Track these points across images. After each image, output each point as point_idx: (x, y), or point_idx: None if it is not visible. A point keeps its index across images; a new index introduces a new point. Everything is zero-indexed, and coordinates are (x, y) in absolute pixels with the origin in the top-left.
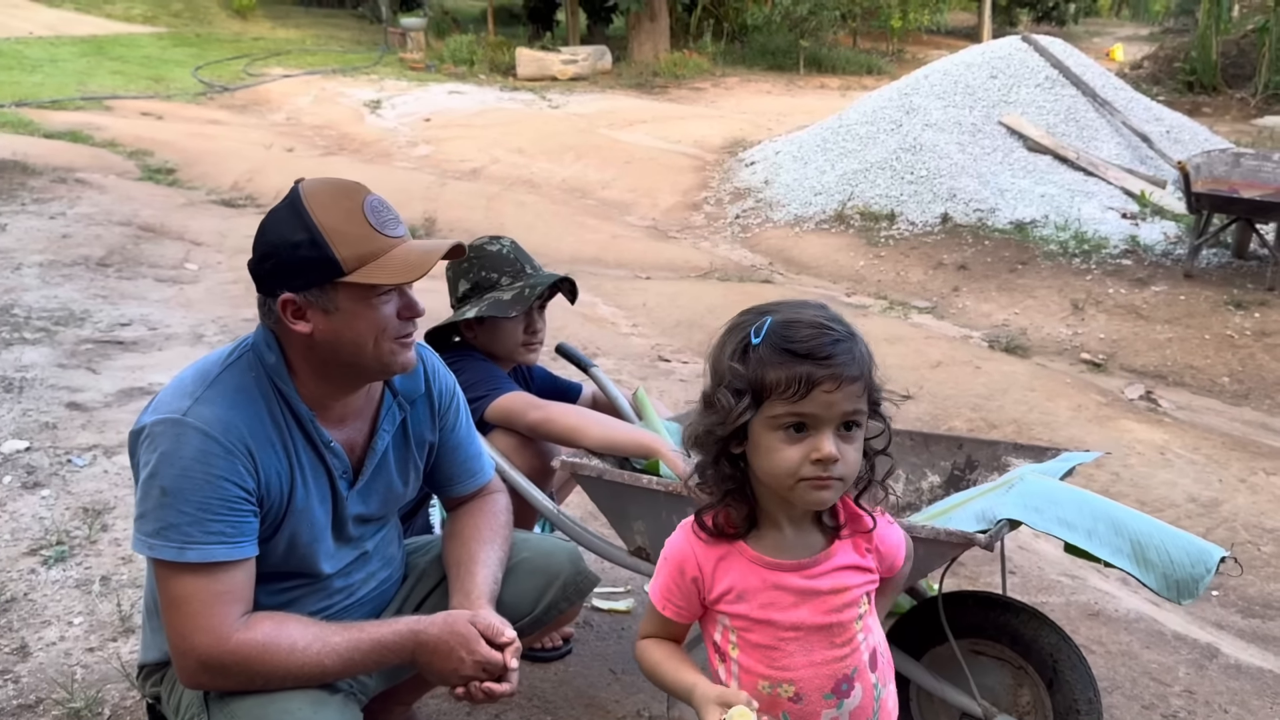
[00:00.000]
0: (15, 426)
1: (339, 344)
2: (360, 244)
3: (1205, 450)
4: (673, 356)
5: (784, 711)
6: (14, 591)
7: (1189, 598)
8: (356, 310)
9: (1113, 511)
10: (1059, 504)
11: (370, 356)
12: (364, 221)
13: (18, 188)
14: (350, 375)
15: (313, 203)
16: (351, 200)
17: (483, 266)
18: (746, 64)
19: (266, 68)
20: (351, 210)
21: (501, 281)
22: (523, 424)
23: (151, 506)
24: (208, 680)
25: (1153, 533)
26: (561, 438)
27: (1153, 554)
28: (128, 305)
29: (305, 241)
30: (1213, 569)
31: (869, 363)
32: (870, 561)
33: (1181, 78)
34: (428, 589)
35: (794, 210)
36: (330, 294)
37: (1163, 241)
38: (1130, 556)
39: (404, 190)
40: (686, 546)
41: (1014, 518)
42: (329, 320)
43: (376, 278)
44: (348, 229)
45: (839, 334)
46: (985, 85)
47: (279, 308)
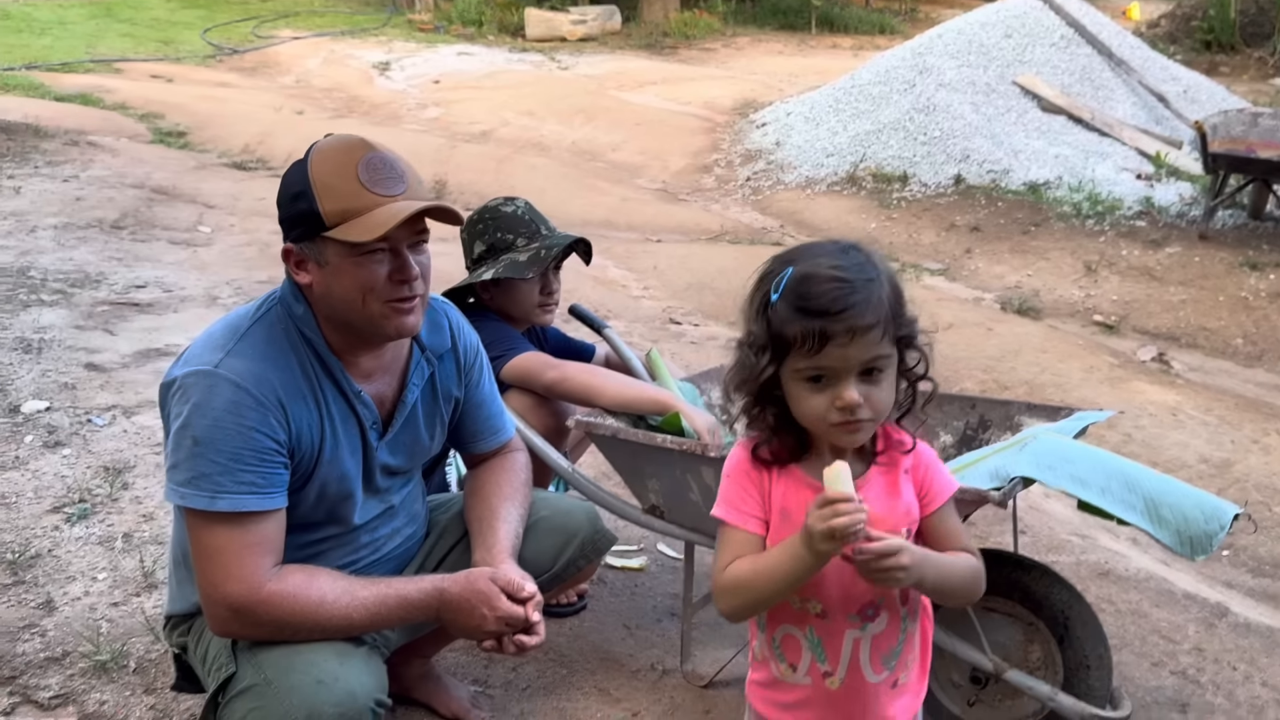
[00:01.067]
0: (35, 387)
1: (332, 299)
2: (345, 199)
3: (1218, 411)
4: (683, 319)
5: (810, 626)
6: (38, 548)
7: (1202, 554)
8: (343, 266)
9: (1126, 469)
10: (1072, 462)
11: (360, 316)
12: (354, 178)
13: (30, 150)
14: (354, 333)
15: (315, 157)
16: (349, 156)
17: (498, 228)
18: (758, 23)
19: (275, 30)
20: (344, 165)
21: (517, 243)
22: (539, 383)
23: (183, 457)
24: (238, 629)
25: (1166, 490)
26: (578, 397)
27: (1166, 511)
28: (142, 268)
29: (299, 194)
30: (1226, 526)
31: (889, 305)
32: (908, 490)
33: (1199, 36)
34: (449, 545)
35: (805, 172)
36: (321, 247)
37: (1178, 203)
38: (1144, 513)
39: (414, 153)
40: (747, 462)
41: (1027, 475)
42: (322, 274)
43: (349, 234)
44: (335, 184)
45: (854, 284)
46: (1000, 44)
47: (284, 258)
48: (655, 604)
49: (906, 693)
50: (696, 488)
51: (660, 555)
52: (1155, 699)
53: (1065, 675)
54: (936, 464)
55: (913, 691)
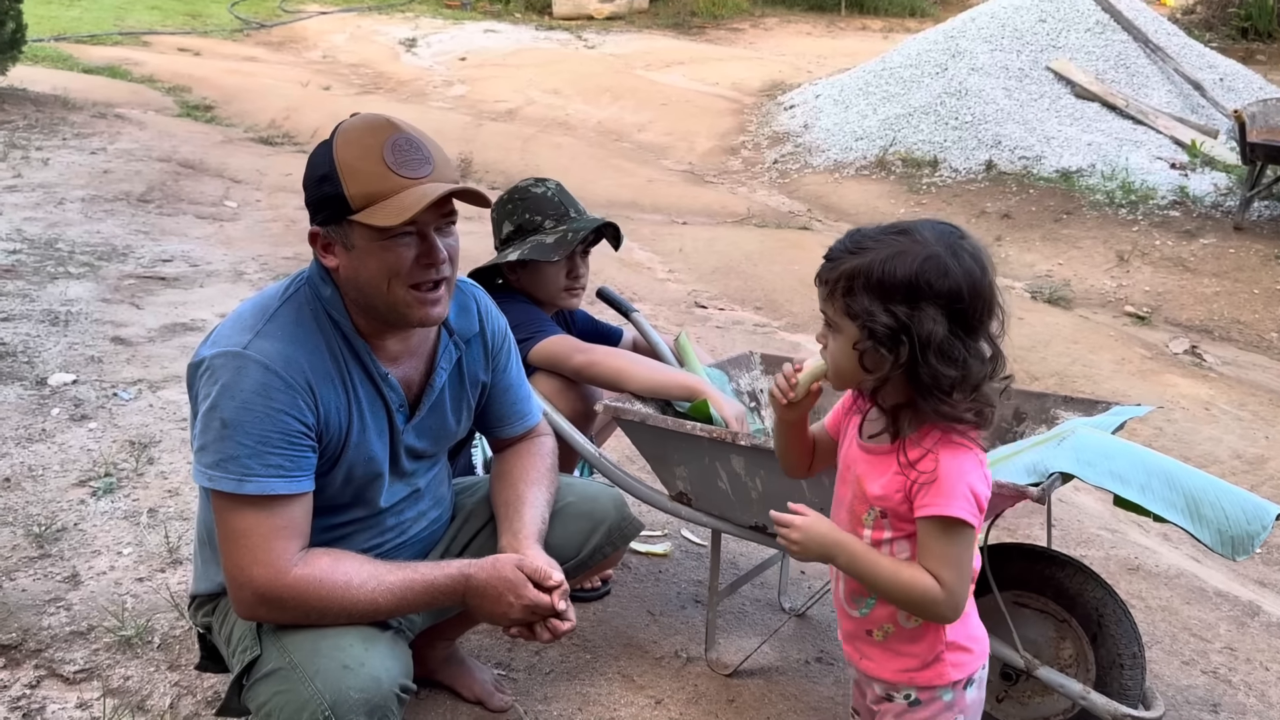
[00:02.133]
0: (62, 360)
1: (359, 282)
2: (370, 182)
3: (1251, 406)
4: (709, 303)
5: None
6: (64, 521)
7: (1243, 554)
8: (369, 249)
9: (1166, 466)
10: (1112, 458)
11: (385, 301)
12: (380, 160)
13: (59, 122)
14: (380, 317)
15: (340, 138)
16: (375, 137)
17: (527, 209)
18: (786, 4)
19: (303, 4)
20: (370, 148)
21: (545, 225)
22: (568, 367)
23: (211, 439)
24: (264, 612)
25: (1207, 488)
26: (606, 381)
27: (1207, 509)
28: (169, 241)
29: (325, 177)
30: (1269, 526)
31: (859, 278)
32: (891, 481)
33: (1236, 24)
34: (475, 529)
35: (834, 155)
36: (347, 231)
37: (1213, 193)
38: (1185, 511)
39: (439, 131)
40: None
41: (1067, 471)
42: (349, 257)
43: (375, 219)
44: (361, 166)
45: (843, 243)
46: (1034, 29)
47: (310, 240)
48: (680, 590)
49: (896, 655)
50: (725, 475)
51: (684, 541)
52: (1186, 698)
53: (1097, 674)
54: (940, 484)
55: (906, 655)
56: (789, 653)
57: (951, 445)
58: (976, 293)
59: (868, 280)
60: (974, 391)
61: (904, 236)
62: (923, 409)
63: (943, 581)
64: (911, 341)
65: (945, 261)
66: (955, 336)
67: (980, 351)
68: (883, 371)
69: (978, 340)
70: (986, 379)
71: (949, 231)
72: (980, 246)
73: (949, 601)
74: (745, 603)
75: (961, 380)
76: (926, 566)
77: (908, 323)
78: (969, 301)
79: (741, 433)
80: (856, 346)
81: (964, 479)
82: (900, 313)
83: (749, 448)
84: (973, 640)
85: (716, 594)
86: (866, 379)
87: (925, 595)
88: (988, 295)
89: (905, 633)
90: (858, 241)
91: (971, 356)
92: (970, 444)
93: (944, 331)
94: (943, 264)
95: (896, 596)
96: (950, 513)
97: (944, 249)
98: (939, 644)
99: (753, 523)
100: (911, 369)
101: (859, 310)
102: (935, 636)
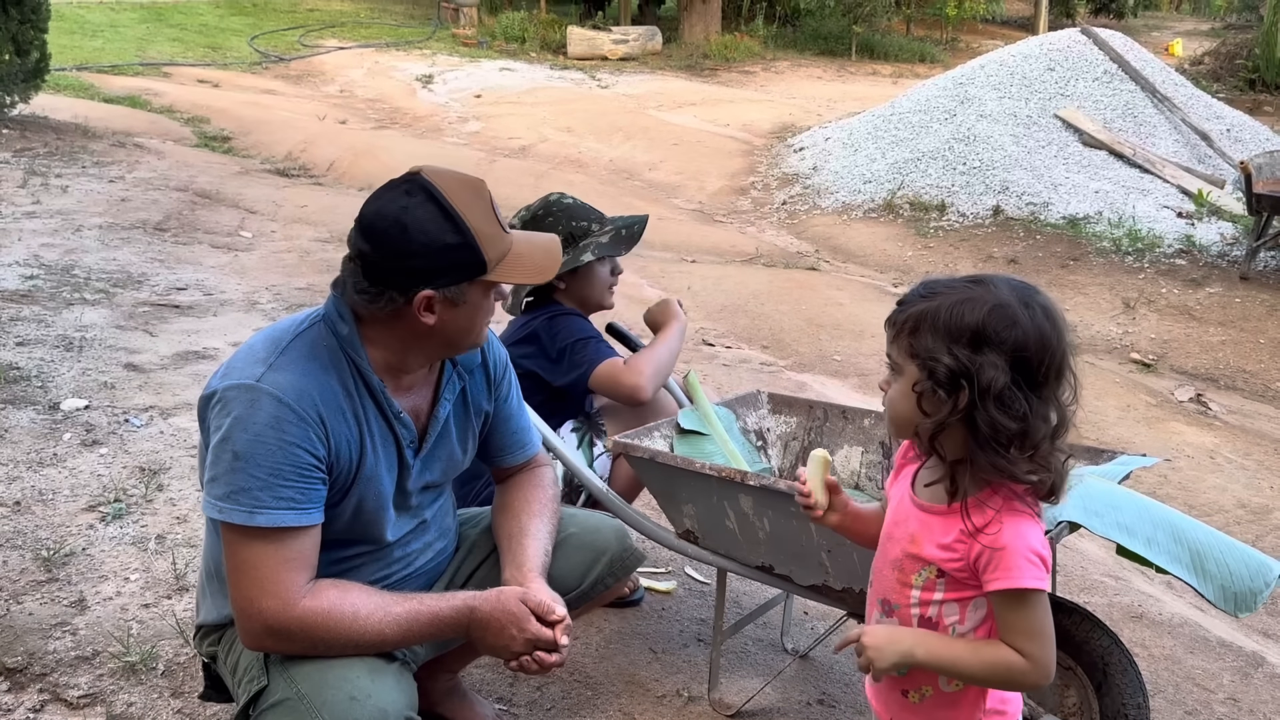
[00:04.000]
0: (75, 385)
1: (454, 332)
2: (498, 244)
3: (1257, 456)
4: (717, 340)
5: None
6: (73, 546)
7: (1246, 611)
8: (480, 303)
9: (1173, 519)
10: (1119, 509)
11: (469, 342)
12: (495, 220)
13: (79, 150)
14: (437, 355)
15: (457, 202)
16: (483, 199)
17: (570, 217)
18: (798, 48)
19: (321, 39)
20: (487, 210)
21: (592, 228)
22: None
23: (223, 470)
24: (271, 644)
25: (1212, 543)
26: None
27: (1211, 565)
28: (184, 270)
29: (459, 244)
30: (1272, 583)
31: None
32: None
33: (1243, 75)
34: (478, 561)
35: (842, 198)
36: (465, 289)
37: (1219, 242)
38: (1189, 566)
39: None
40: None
41: (1075, 520)
42: (455, 312)
43: (512, 276)
44: (488, 230)
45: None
46: (1042, 77)
47: (415, 303)
48: (682, 629)
49: (927, 715)
50: (733, 515)
51: (688, 579)
52: None
53: None
54: (1007, 555)
55: (938, 718)
56: (791, 694)
57: (1015, 512)
58: (1043, 347)
59: (934, 322)
60: (1034, 451)
61: (977, 285)
62: (980, 463)
63: (1026, 654)
64: (972, 387)
65: (1015, 312)
66: (1017, 388)
67: (1044, 411)
68: (940, 416)
69: (1041, 399)
70: (1047, 440)
71: (1024, 287)
72: (1055, 307)
73: (1038, 671)
74: (748, 642)
75: (1020, 436)
76: (1007, 640)
77: (969, 367)
78: (1034, 354)
79: (752, 475)
80: (916, 387)
81: (1028, 545)
82: (963, 356)
83: (757, 487)
84: (1006, 702)
85: (721, 633)
86: (924, 423)
87: (1011, 671)
88: (1056, 354)
89: (945, 697)
90: (931, 288)
91: (1034, 414)
92: (1031, 512)
93: (1005, 381)
94: (1012, 314)
95: (983, 678)
96: (1023, 584)
97: (1015, 300)
98: (978, 711)
99: (759, 563)
100: (970, 419)
101: (922, 350)
102: (975, 702)
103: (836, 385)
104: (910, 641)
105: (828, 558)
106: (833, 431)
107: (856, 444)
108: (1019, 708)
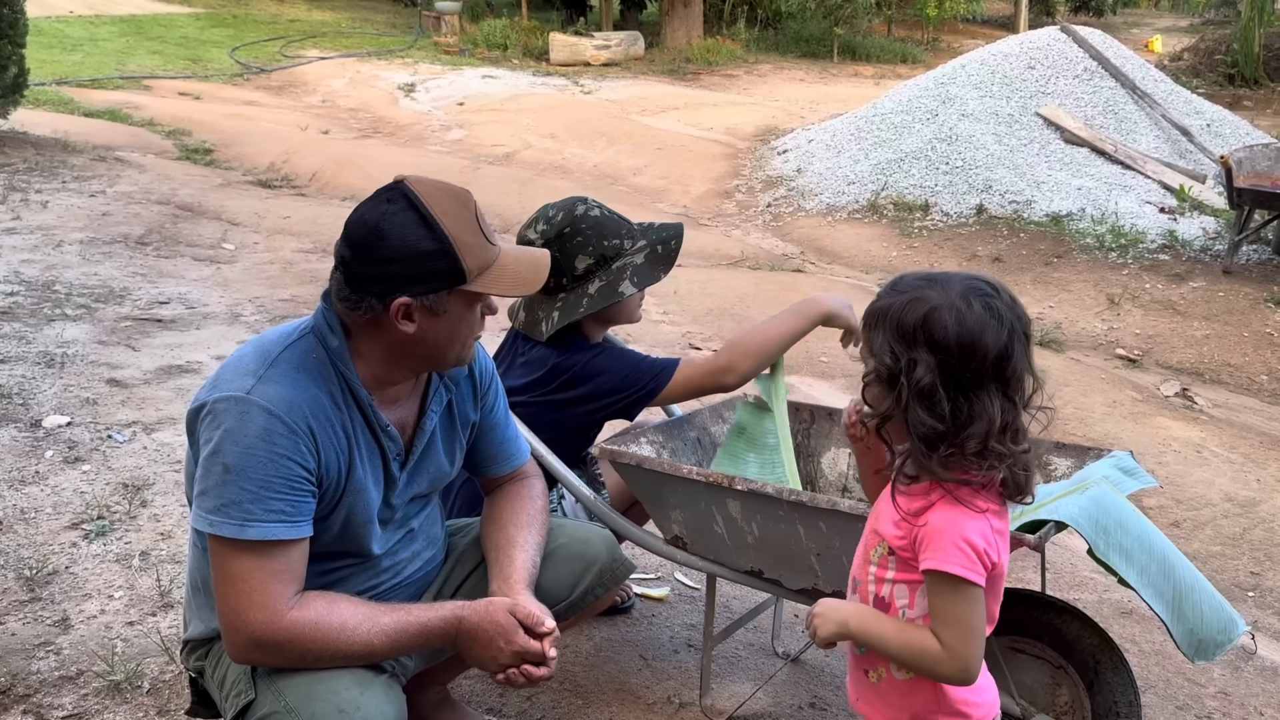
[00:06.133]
0: (57, 401)
1: (435, 343)
2: (480, 254)
3: (1243, 449)
4: (703, 344)
5: None
6: (56, 564)
7: (1204, 659)
8: (462, 314)
9: (1167, 552)
10: (1126, 529)
11: (453, 355)
12: (479, 231)
13: (59, 165)
14: (422, 367)
15: (436, 209)
16: (468, 209)
17: (601, 235)
18: (780, 51)
19: (303, 49)
20: (470, 220)
21: (625, 246)
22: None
23: (213, 483)
24: (259, 657)
25: (1194, 586)
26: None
27: (1189, 608)
28: (166, 284)
29: (436, 251)
30: (1235, 639)
31: (886, 320)
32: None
33: (1222, 70)
34: (467, 571)
35: (826, 199)
36: (445, 298)
37: (1201, 237)
38: (1169, 604)
39: (438, 174)
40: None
41: (1083, 533)
42: (435, 322)
43: (495, 288)
44: (470, 239)
45: (884, 288)
46: (1023, 76)
47: (391, 310)
48: (673, 635)
49: (887, 704)
50: (721, 520)
51: (678, 584)
52: None
53: None
54: (934, 537)
55: (896, 707)
56: (783, 698)
57: (953, 503)
58: (972, 350)
59: (883, 319)
60: (959, 450)
61: (930, 285)
62: (914, 457)
63: (942, 641)
64: (905, 385)
65: (948, 314)
66: (945, 389)
67: (980, 410)
68: (881, 409)
69: (972, 399)
70: (977, 439)
71: (978, 287)
72: (1003, 306)
73: (952, 664)
74: (739, 647)
75: (946, 436)
76: (933, 628)
77: (902, 364)
78: (959, 356)
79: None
80: (864, 379)
81: (960, 533)
82: (900, 354)
83: (745, 492)
84: (971, 705)
85: (712, 639)
86: (868, 413)
87: (924, 656)
88: (989, 354)
89: (897, 684)
90: (895, 285)
91: (961, 414)
92: (973, 507)
93: (931, 380)
94: (945, 316)
95: (901, 657)
96: (947, 568)
97: (960, 302)
98: (935, 705)
99: (749, 567)
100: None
101: (873, 346)
102: (931, 695)
103: (824, 386)
104: (847, 613)
105: (817, 561)
106: (820, 433)
107: (844, 446)
108: (991, 713)
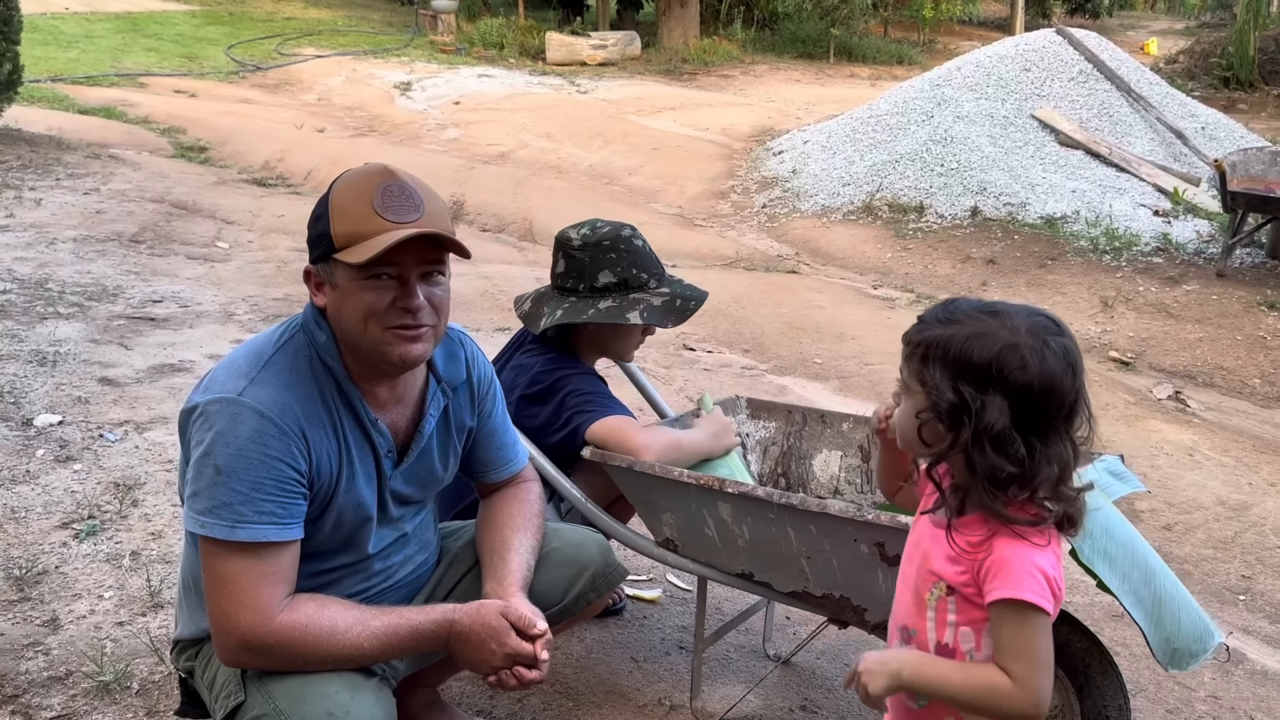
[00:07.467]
0: (48, 400)
1: (341, 321)
2: (355, 223)
3: (1235, 452)
4: (698, 346)
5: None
6: (46, 564)
7: (1178, 669)
8: (350, 289)
9: (1150, 560)
10: (1111, 535)
11: (365, 341)
12: (368, 203)
13: (53, 163)
14: (364, 359)
15: (339, 182)
16: (369, 182)
17: (634, 263)
18: (776, 52)
19: (298, 48)
20: (362, 191)
21: (650, 284)
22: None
23: (205, 485)
24: (249, 659)
25: (1174, 595)
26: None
27: (1167, 617)
28: (160, 282)
29: (319, 216)
30: (1210, 651)
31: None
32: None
33: (1217, 73)
34: (460, 574)
35: (821, 200)
36: (332, 270)
37: (1195, 240)
38: (1148, 612)
39: (432, 173)
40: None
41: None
42: (334, 296)
43: (350, 256)
44: (350, 207)
45: (932, 313)
46: (1018, 78)
47: (304, 276)
48: (664, 637)
49: None
50: (712, 522)
51: (669, 586)
52: None
53: None
54: (1007, 565)
55: None
56: (774, 701)
57: (1012, 536)
58: (1051, 394)
59: (945, 353)
60: (1033, 494)
61: (993, 318)
62: (974, 497)
63: (1014, 675)
64: (972, 425)
65: (1026, 355)
66: (1019, 431)
67: (1054, 454)
68: (939, 448)
69: (1047, 443)
70: (1053, 484)
71: (1044, 325)
72: (1073, 346)
73: (1025, 698)
74: (730, 649)
75: (1018, 479)
76: (999, 661)
77: (971, 405)
78: (1041, 399)
79: (731, 482)
80: (919, 415)
81: (1032, 561)
82: (967, 394)
83: (736, 495)
84: None
85: (703, 641)
86: (923, 451)
87: (995, 693)
88: (1066, 399)
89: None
90: (951, 312)
91: (1034, 457)
92: (1032, 541)
93: (1005, 423)
94: (1023, 356)
95: (967, 699)
96: (1021, 595)
97: (1031, 340)
98: None
99: (739, 570)
100: (969, 454)
101: (929, 381)
102: None
103: (818, 388)
104: (898, 662)
105: (807, 564)
106: (812, 436)
107: (835, 448)
108: None
